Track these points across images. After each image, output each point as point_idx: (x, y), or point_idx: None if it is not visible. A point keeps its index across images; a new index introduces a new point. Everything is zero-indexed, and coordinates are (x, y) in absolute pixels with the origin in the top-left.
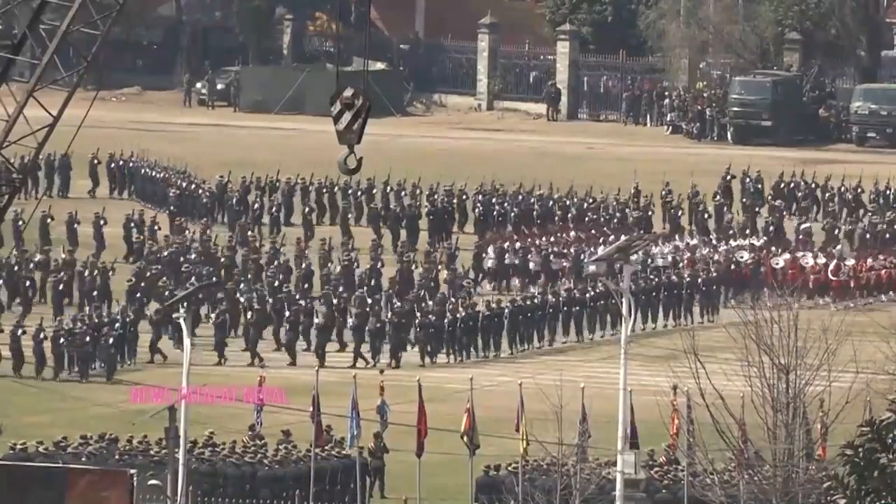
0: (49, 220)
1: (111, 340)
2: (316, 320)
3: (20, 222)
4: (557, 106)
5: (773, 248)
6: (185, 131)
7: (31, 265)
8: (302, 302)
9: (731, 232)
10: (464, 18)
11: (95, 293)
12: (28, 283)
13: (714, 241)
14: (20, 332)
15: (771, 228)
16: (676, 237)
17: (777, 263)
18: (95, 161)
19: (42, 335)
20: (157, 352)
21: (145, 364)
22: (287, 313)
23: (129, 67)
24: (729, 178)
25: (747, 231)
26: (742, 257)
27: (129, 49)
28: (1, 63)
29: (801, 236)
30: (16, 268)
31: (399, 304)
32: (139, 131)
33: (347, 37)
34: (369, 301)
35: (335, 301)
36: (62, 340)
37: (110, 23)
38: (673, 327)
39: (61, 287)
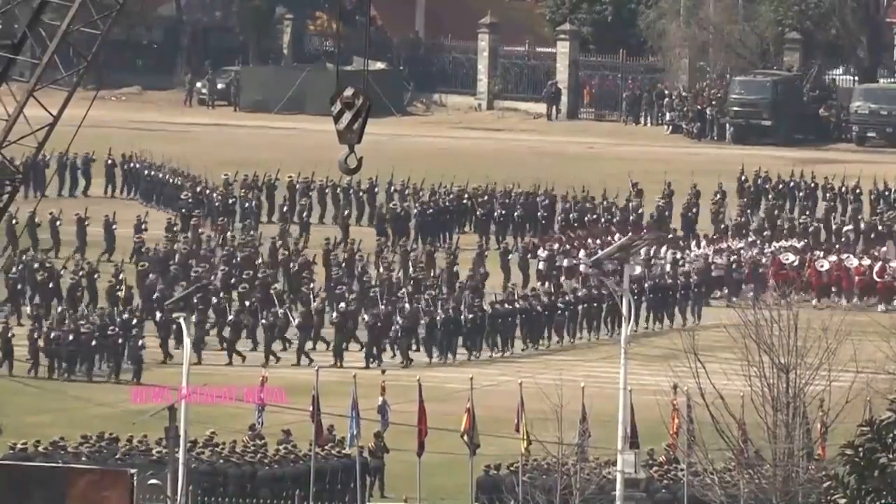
0: (86, 223)
1: (140, 342)
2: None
3: (58, 222)
4: (557, 105)
5: (817, 251)
6: (185, 131)
7: (80, 270)
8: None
9: (765, 233)
10: (464, 18)
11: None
12: (80, 289)
13: (759, 243)
14: (52, 334)
15: (809, 230)
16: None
17: (822, 266)
18: (110, 161)
19: (71, 336)
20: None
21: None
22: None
23: (129, 67)
24: (744, 178)
25: (748, 229)
26: (787, 259)
27: (129, 49)
28: (1, 63)
29: (842, 238)
30: (62, 270)
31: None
32: (139, 131)
33: (347, 36)
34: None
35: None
36: (94, 342)
37: (110, 23)
38: (657, 329)
39: (119, 292)
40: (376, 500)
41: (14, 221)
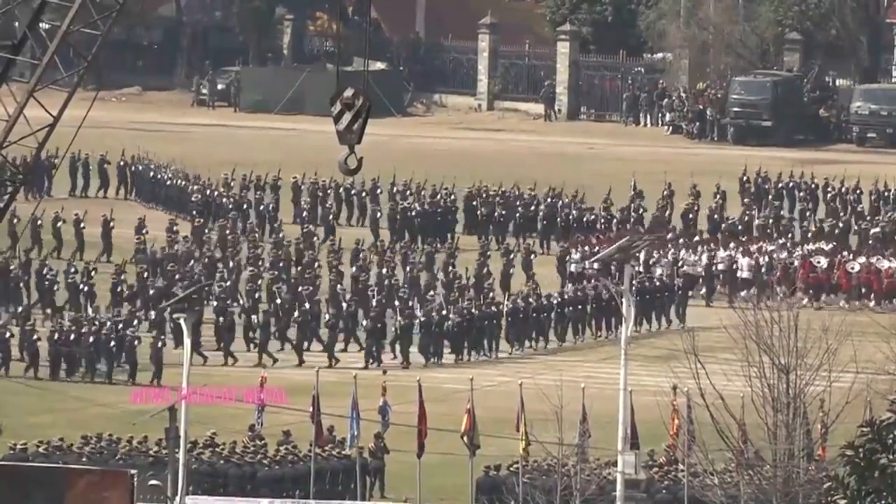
0: (111, 225)
1: (160, 344)
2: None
3: (82, 224)
4: (553, 106)
5: (845, 253)
6: (185, 132)
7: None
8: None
9: (790, 235)
10: (464, 18)
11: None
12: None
13: (789, 246)
14: (72, 336)
15: (836, 231)
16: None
17: (853, 268)
18: (122, 162)
19: (92, 339)
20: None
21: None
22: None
23: (129, 67)
24: (745, 179)
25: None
26: (819, 262)
27: (129, 49)
28: (1, 63)
29: (871, 241)
30: (93, 273)
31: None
32: (139, 132)
33: (347, 37)
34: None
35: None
36: (112, 343)
37: (110, 23)
38: (644, 331)
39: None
40: (376, 501)
41: (39, 223)
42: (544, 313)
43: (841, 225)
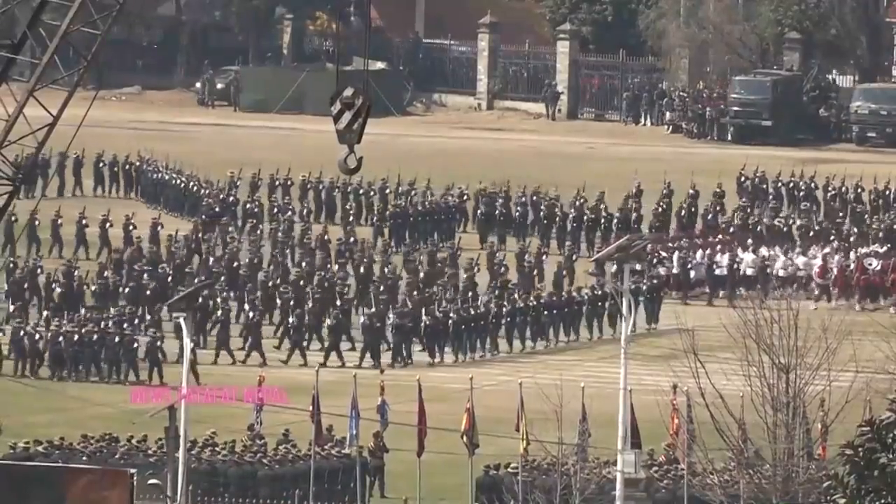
0: (159, 228)
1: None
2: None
3: (132, 227)
4: (556, 106)
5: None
6: (185, 131)
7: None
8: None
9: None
10: (464, 18)
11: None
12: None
13: (843, 248)
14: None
15: (881, 234)
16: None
17: None
18: (137, 162)
19: (117, 339)
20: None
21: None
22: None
23: (129, 67)
24: (744, 179)
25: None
26: (871, 264)
27: (129, 49)
28: (1, 63)
29: None
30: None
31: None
32: (139, 131)
33: (347, 36)
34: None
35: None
36: (135, 345)
37: (110, 23)
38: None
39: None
40: (376, 500)
41: (84, 224)
42: (519, 317)
43: None
